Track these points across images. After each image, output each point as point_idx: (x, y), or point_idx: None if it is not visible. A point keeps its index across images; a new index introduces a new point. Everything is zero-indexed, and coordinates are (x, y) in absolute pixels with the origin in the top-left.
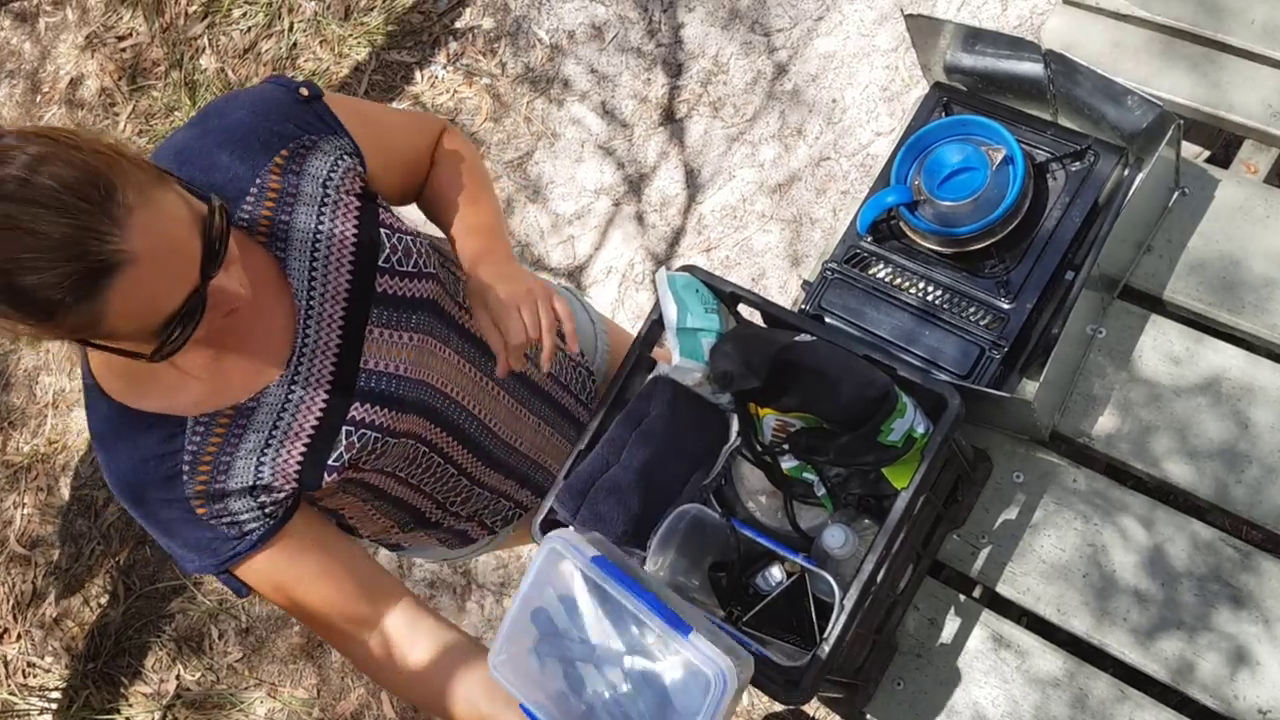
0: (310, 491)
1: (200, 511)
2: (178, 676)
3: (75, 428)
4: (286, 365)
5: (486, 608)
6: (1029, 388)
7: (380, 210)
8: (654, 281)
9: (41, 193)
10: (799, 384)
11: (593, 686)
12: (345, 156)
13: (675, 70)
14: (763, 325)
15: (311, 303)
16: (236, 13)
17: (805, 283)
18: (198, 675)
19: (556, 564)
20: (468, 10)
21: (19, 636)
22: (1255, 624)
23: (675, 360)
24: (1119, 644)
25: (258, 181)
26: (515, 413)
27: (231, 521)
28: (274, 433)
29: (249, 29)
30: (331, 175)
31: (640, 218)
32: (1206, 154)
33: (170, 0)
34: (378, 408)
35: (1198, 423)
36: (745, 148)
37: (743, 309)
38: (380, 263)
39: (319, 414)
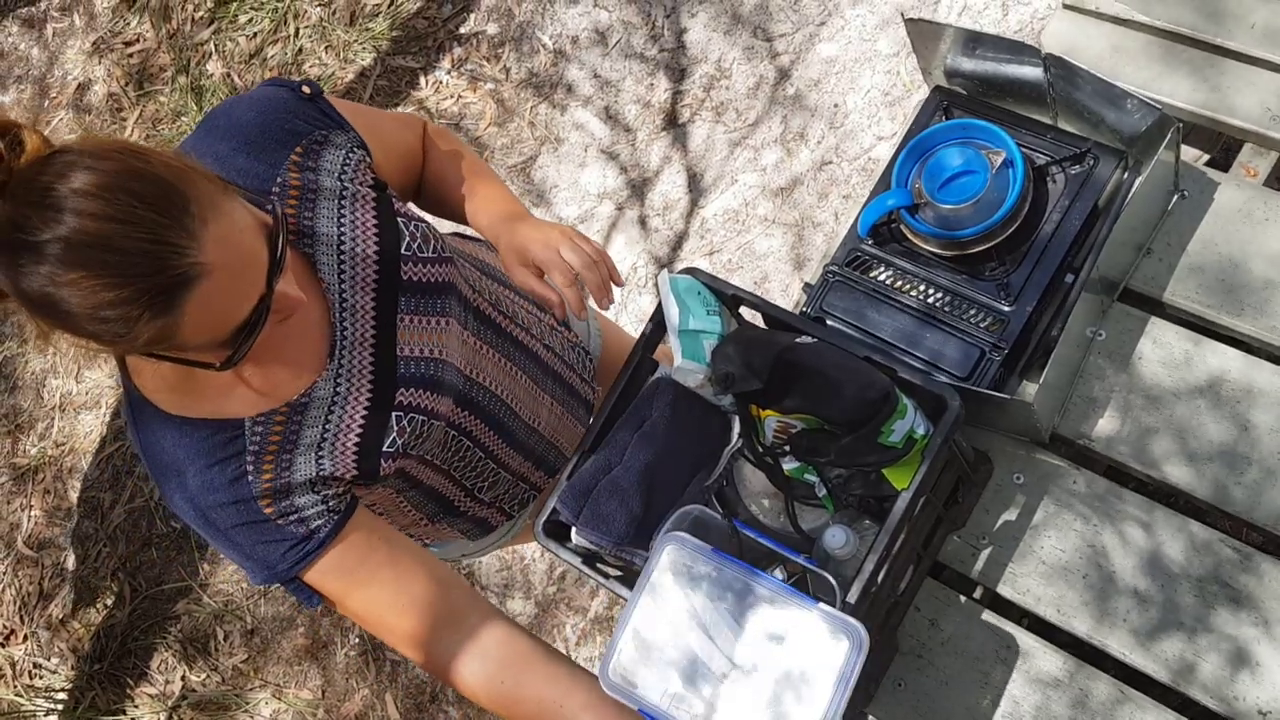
0: (368, 482)
1: (268, 511)
2: (183, 678)
3: (82, 430)
4: (329, 360)
5: None
6: (1029, 390)
7: (394, 200)
8: (656, 284)
9: (118, 209)
10: (800, 386)
11: (711, 677)
12: (355, 149)
13: (678, 75)
14: (764, 327)
15: (344, 296)
16: (243, 18)
17: (807, 285)
18: (203, 676)
19: (670, 563)
20: (472, 16)
21: (25, 638)
22: (1255, 625)
23: (677, 362)
24: (1120, 645)
25: (279, 180)
26: (532, 393)
27: (299, 519)
28: (328, 426)
29: (254, 34)
30: (345, 169)
31: (643, 221)
32: (1206, 157)
33: (177, 6)
34: (421, 391)
35: (1197, 425)
36: (748, 152)
37: (744, 311)
38: (403, 250)
39: (366, 404)
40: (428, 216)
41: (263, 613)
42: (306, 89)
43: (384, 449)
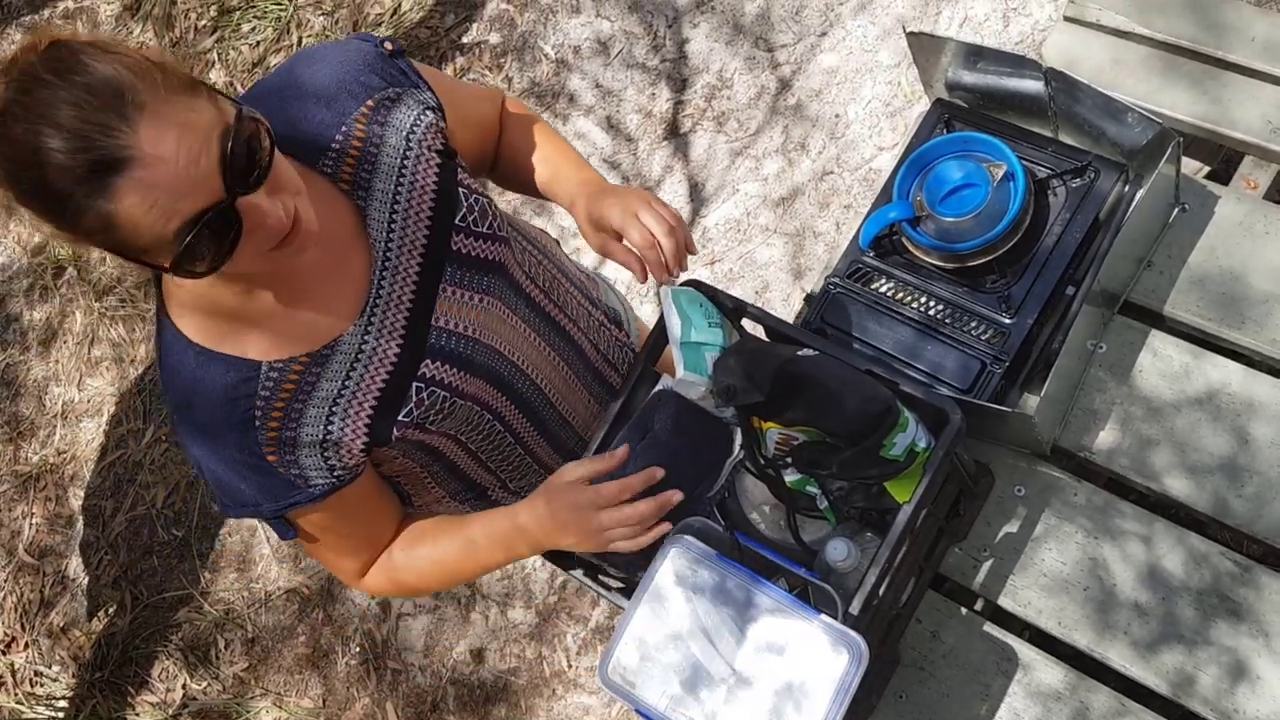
0: (379, 447)
1: (270, 459)
2: (184, 686)
3: (84, 438)
4: (361, 315)
5: (491, 618)
6: (1030, 402)
7: (459, 169)
8: (658, 295)
9: (66, 88)
10: (802, 398)
11: (711, 683)
12: (428, 111)
13: (680, 85)
14: (766, 339)
15: (389, 254)
16: (245, 27)
17: (808, 296)
18: (204, 685)
19: (673, 567)
20: (475, 25)
21: (26, 645)
22: (1255, 638)
23: (679, 374)
24: (1120, 657)
25: (344, 129)
26: (572, 385)
27: (299, 474)
28: (346, 383)
29: (258, 43)
30: (415, 129)
31: None
32: (1206, 170)
33: (180, 14)
34: (447, 367)
35: (1198, 437)
36: (749, 162)
37: (746, 323)
38: (457, 221)
39: (390, 367)
40: (485, 190)
41: (264, 621)
42: (389, 45)
43: (399, 417)
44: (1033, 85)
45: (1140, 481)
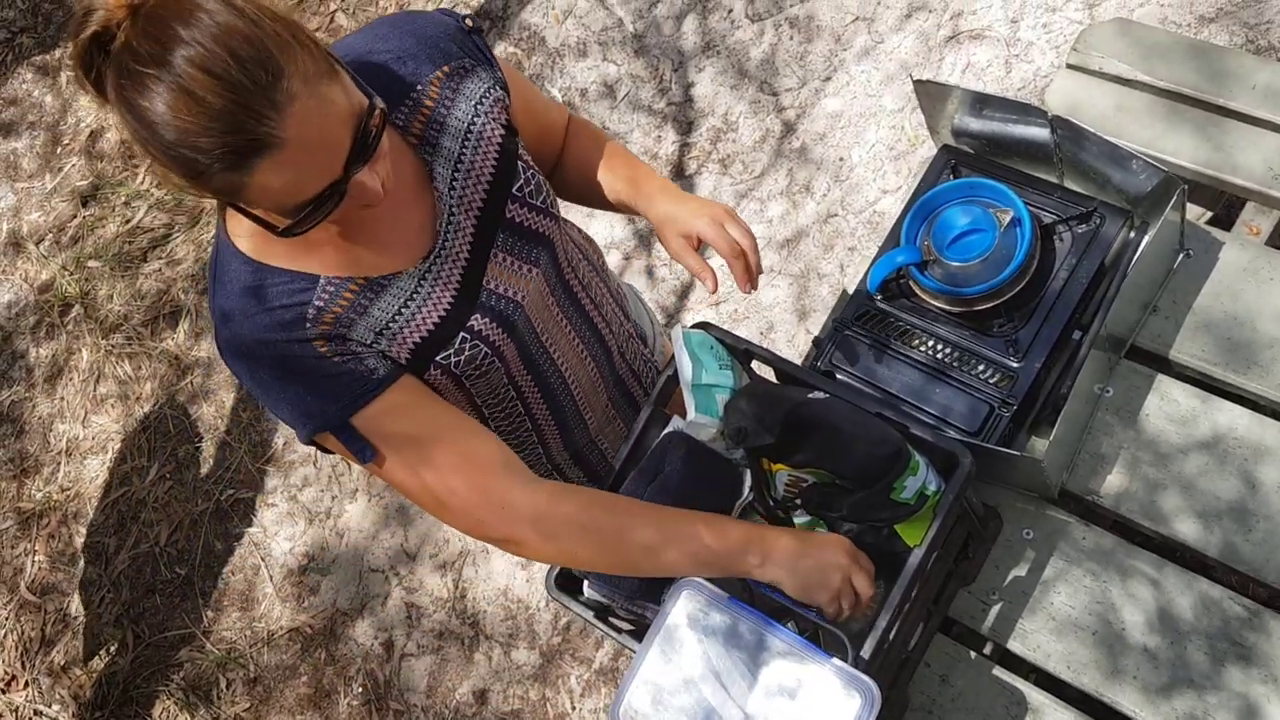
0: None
1: (322, 349)
2: None
3: (88, 475)
4: (423, 260)
5: (494, 659)
6: (1039, 446)
7: (519, 144)
8: (670, 338)
9: (215, 63)
10: (812, 441)
11: None
12: (496, 87)
13: (685, 128)
14: (776, 382)
15: (453, 212)
16: None
17: (816, 339)
18: None
19: (685, 609)
20: None
21: (26, 684)
22: (1264, 683)
23: (690, 416)
24: (1129, 702)
25: (418, 88)
26: (595, 384)
27: (354, 358)
28: (398, 317)
29: None
30: (484, 100)
31: (650, 271)
32: (1208, 215)
33: None
34: (494, 325)
35: (1205, 481)
36: (754, 204)
37: (756, 365)
38: (514, 190)
39: (443, 313)
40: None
41: (266, 661)
42: (469, 22)
43: (437, 358)
44: (1038, 132)
45: (1148, 525)
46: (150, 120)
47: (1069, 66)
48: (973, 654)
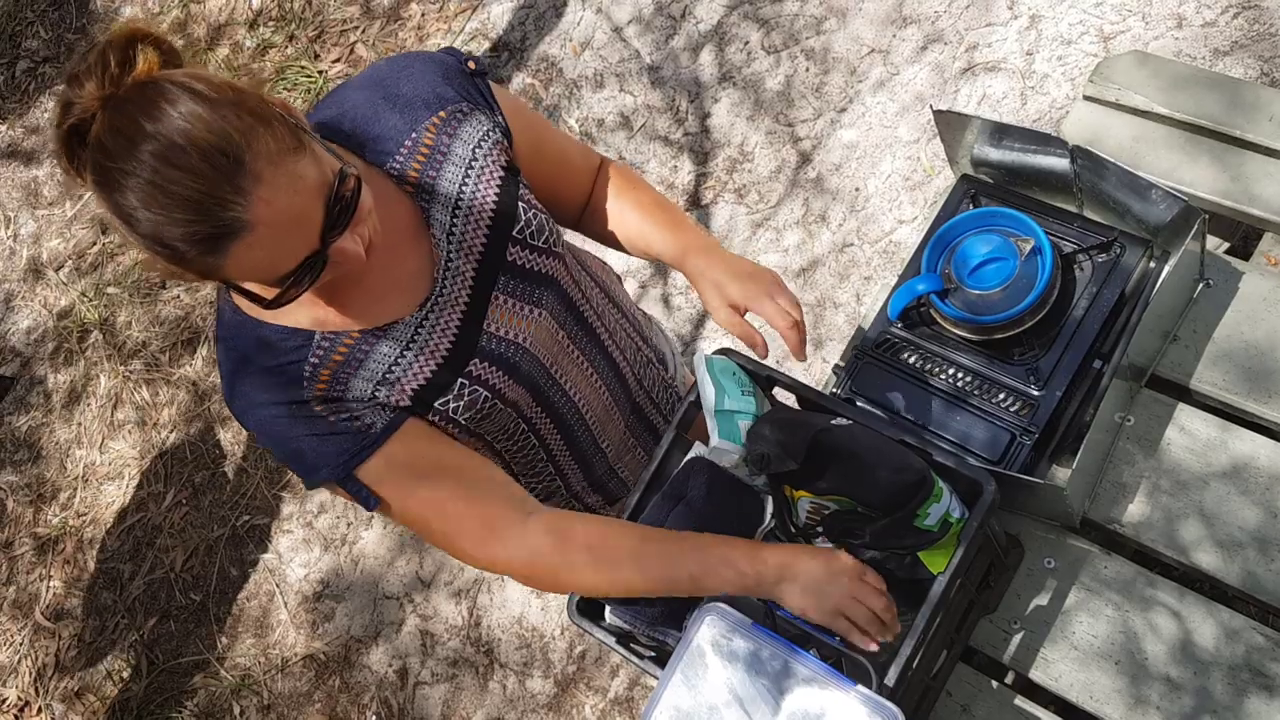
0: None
1: (320, 409)
2: None
3: (105, 501)
4: (420, 307)
5: (509, 688)
6: (1061, 474)
7: (521, 185)
8: (692, 363)
9: (180, 156)
10: (835, 468)
11: None
12: (495, 130)
13: (701, 158)
14: (797, 408)
15: (450, 257)
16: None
17: (836, 366)
18: None
19: (708, 635)
20: None
21: (40, 710)
22: None
23: (713, 442)
24: None
25: (413, 136)
26: (609, 410)
27: (351, 417)
28: (394, 367)
29: None
30: (482, 144)
31: (666, 300)
32: (1226, 245)
33: None
34: (494, 369)
35: (1226, 511)
36: (769, 233)
37: (778, 392)
38: (514, 233)
39: (440, 360)
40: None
41: (280, 688)
42: (473, 64)
43: (435, 404)
44: (1058, 162)
45: (1170, 554)
46: (126, 213)
47: (1086, 98)
48: (994, 683)
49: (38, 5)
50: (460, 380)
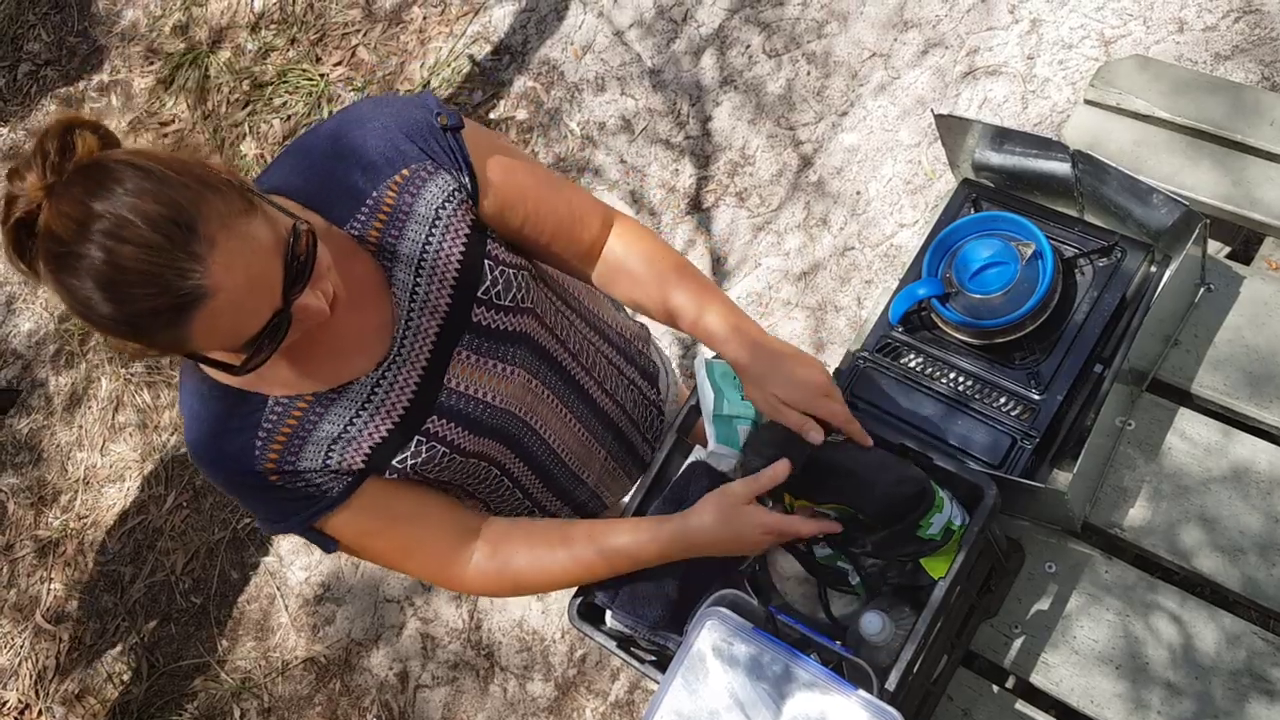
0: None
1: (274, 479)
2: None
3: (105, 503)
4: (377, 367)
5: (509, 691)
6: (1062, 478)
7: (489, 242)
8: (692, 369)
9: (131, 231)
10: (833, 483)
11: None
12: (461, 190)
13: (703, 161)
14: None
15: (411, 315)
16: (277, 100)
17: (837, 370)
18: None
19: (709, 640)
20: (502, 102)
21: (40, 713)
22: None
23: (711, 446)
24: None
25: (374, 195)
26: (588, 446)
27: (306, 485)
28: (350, 426)
29: (289, 116)
30: (446, 204)
31: None
32: (1227, 250)
33: (213, 88)
34: (454, 425)
35: (1227, 515)
36: (770, 237)
37: None
38: (479, 294)
39: (397, 418)
40: (519, 261)
41: (280, 691)
42: (444, 119)
43: (393, 461)
44: (1059, 166)
45: (1170, 559)
46: (84, 298)
47: (1087, 102)
48: (995, 688)
49: (39, 8)
50: (417, 438)
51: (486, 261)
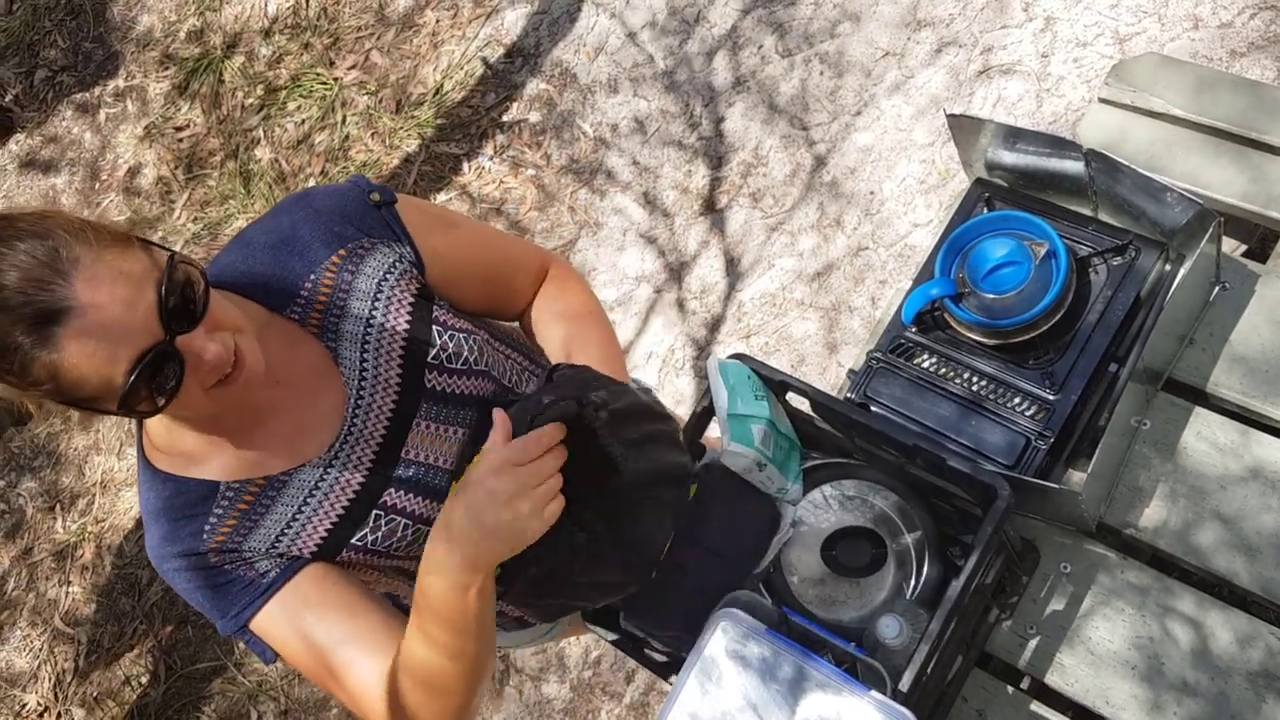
0: (325, 560)
1: (215, 560)
2: None
3: (123, 507)
4: (328, 449)
5: (525, 693)
6: (1075, 478)
7: (436, 308)
8: (705, 367)
9: (10, 253)
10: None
11: None
12: (403, 261)
13: (716, 162)
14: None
15: (362, 392)
16: (291, 105)
17: (850, 371)
18: None
19: (722, 641)
20: (515, 105)
21: (59, 716)
22: None
23: (725, 445)
24: None
25: (311, 278)
26: None
27: (245, 564)
28: (301, 510)
29: (303, 121)
30: (388, 276)
31: (681, 304)
32: (1243, 248)
33: (228, 93)
34: (414, 496)
35: (1243, 515)
36: (784, 237)
37: (791, 397)
38: (429, 359)
39: (351, 497)
40: (469, 326)
41: (297, 694)
42: (377, 195)
43: (352, 540)
44: (1073, 165)
45: (1187, 559)
46: None
47: (1102, 100)
48: (1010, 689)
49: (55, 15)
50: (375, 512)
51: (435, 328)
